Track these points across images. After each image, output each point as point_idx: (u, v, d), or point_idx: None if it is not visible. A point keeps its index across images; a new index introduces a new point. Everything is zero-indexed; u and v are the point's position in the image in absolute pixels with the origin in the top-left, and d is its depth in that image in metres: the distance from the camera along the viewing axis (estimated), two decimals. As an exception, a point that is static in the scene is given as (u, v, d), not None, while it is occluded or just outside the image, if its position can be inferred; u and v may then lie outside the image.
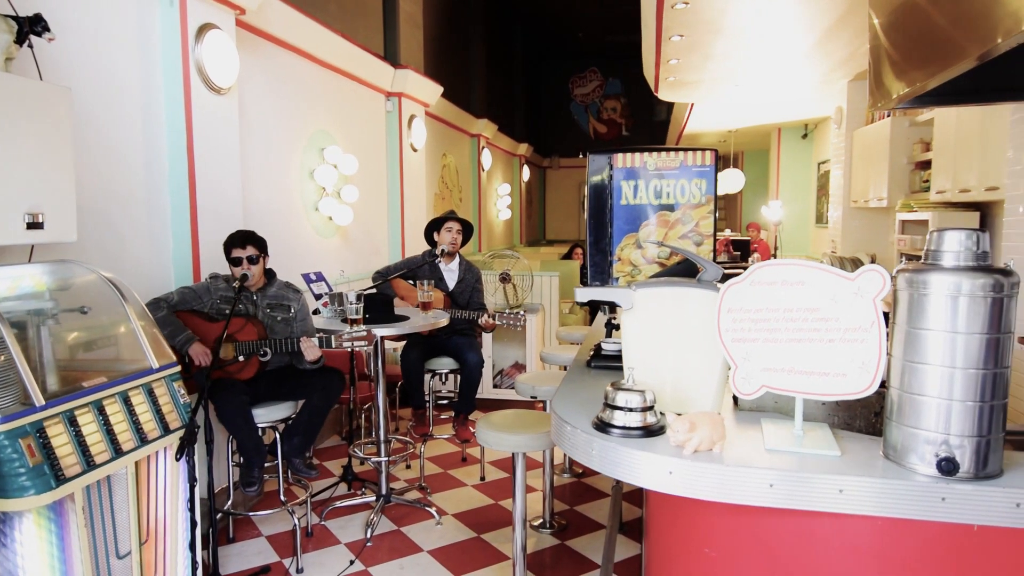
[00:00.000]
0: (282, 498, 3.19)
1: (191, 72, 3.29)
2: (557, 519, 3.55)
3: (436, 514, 3.58)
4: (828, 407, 1.72)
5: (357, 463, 4.20)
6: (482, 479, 4.14)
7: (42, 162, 2.22)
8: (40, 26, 2.24)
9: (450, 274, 4.17)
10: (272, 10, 4.05)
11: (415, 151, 6.48)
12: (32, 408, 1.81)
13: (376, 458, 3.65)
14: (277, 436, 3.14)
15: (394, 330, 3.29)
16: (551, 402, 1.79)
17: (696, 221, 2.07)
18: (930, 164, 4.95)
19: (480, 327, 3.92)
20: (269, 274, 3.24)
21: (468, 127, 9.12)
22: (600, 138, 15.89)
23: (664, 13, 3.76)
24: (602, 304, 2.24)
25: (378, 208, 6.04)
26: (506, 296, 5.63)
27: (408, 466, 4.36)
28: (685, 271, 1.80)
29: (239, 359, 2.89)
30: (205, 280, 3.21)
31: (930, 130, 5.05)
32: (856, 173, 6.45)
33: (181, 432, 2.28)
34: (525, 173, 13.10)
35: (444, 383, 4.71)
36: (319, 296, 3.73)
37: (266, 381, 3.14)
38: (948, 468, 1.24)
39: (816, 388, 1.44)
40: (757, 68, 5.72)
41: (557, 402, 1.77)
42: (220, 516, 3.35)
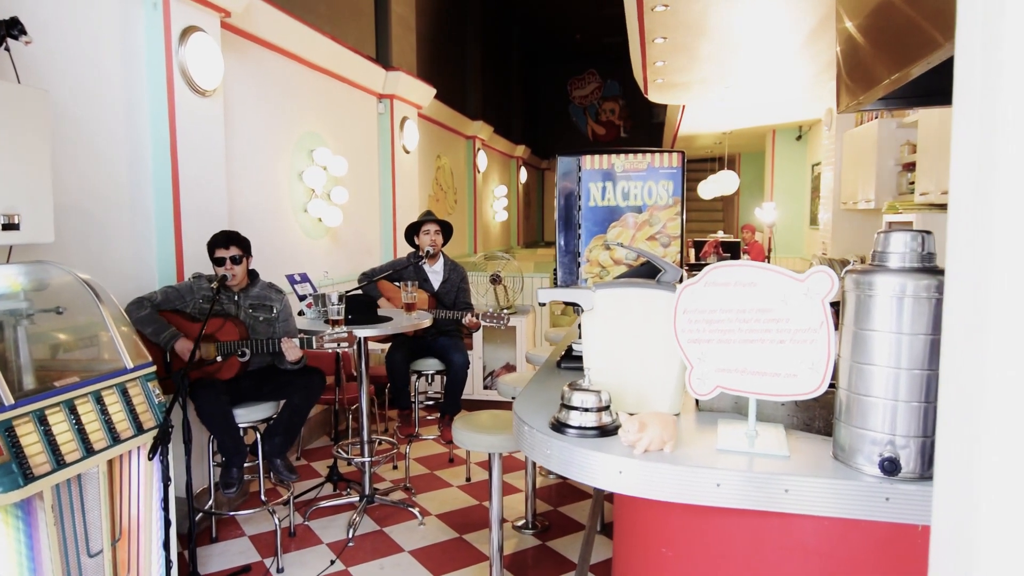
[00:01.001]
0: (263, 498, 3.20)
1: (175, 74, 3.31)
2: (540, 520, 3.56)
3: (419, 515, 3.59)
4: (788, 408, 1.73)
5: (344, 464, 4.22)
6: (468, 480, 4.15)
7: (19, 164, 2.24)
8: (16, 29, 2.26)
9: (435, 275, 4.19)
10: (258, 13, 4.07)
11: (407, 153, 6.50)
12: (0, 407, 1.83)
13: (359, 458, 3.66)
14: (258, 436, 3.16)
15: (376, 331, 3.31)
16: (514, 402, 1.80)
17: (664, 223, 2.08)
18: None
19: (465, 327, 3.93)
20: (252, 275, 3.26)
21: (463, 129, 9.14)
22: (599, 140, 15.90)
23: (644, 16, 3.77)
24: (576, 306, 2.25)
25: (370, 210, 6.06)
26: (496, 297, 5.65)
27: (395, 467, 4.37)
28: (648, 272, 1.81)
29: (217, 359, 2.91)
30: (188, 280, 3.23)
31: (916, 132, 5.06)
32: (846, 175, 6.46)
33: (155, 432, 2.30)
34: (522, 175, 13.12)
35: (431, 384, 4.72)
36: (303, 297, 3.75)
37: (247, 381, 3.15)
38: (890, 468, 1.25)
39: (768, 389, 1.45)
40: (746, 70, 5.73)
41: (520, 402, 1.78)
42: (201, 516, 3.36)
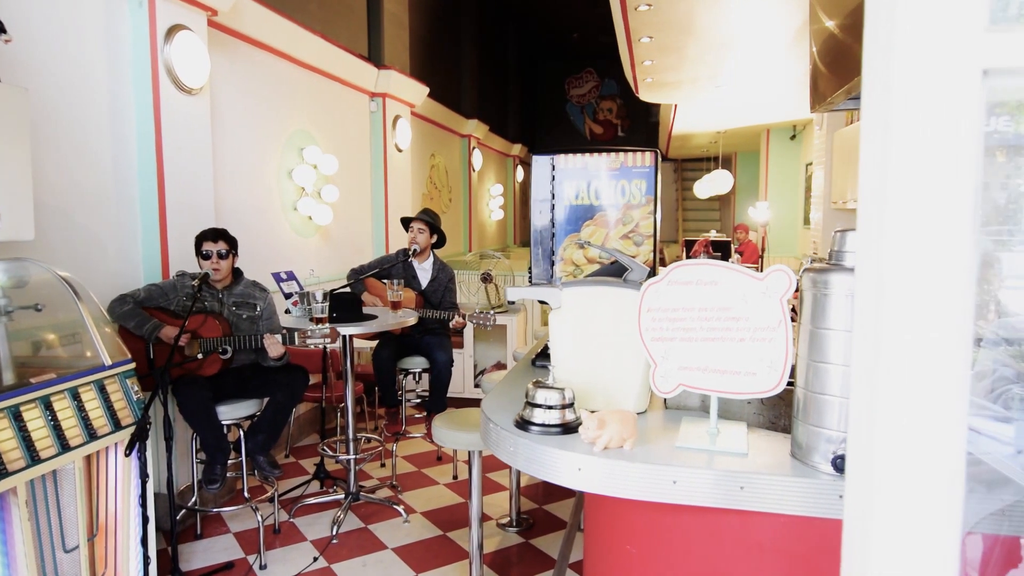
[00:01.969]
0: (246, 495, 3.22)
1: (160, 72, 3.32)
2: (524, 518, 3.57)
3: (404, 512, 3.60)
4: (754, 406, 1.74)
5: (332, 461, 4.23)
6: (454, 478, 4.17)
7: (-3, 161, 2.25)
8: (-5, 27, 2.27)
9: (423, 273, 4.20)
10: (246, 11, 4.08)
11: (400, 151, 6.51)
12: (-26, 403, 1.84)
13: (344, 456, 3.68)
14: (241, 433, 3.17)
15: (360, 329, 3.32)
16: (483, 400, 1.81)
17: (637, 221, 2.09)
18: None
19: (451, 327, 3.95)
20: (236, 273, 3.27)
21: (458, 127, 9.14)
22: (596, 139, 15.90)
23: (628, 15, 3.78)
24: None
25: (362, 208, 6.07)
26: (488, 296, 5.66)
27: (382, 464, 4.38)
28: (619, 271, 1.82)
29: (199, 356, 2.92)
30: (172, 278, 3.24)
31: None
32: (836, 174, 6.46)
33: (133, 428, 2.31)
34: (519, 174, 13.13)
35: (418, 382, 4.74)
36: (289, 295, 3.76)
37: (231, 378, 3.16)
38: (843, 466, 1.26)
39: (729, 387, 1.46)
40: (736, 70, 5.73)
41: (489, 400, 1.79)
42: (186, 512, 3.38)
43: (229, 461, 3.12)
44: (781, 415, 1.74)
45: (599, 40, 13.43)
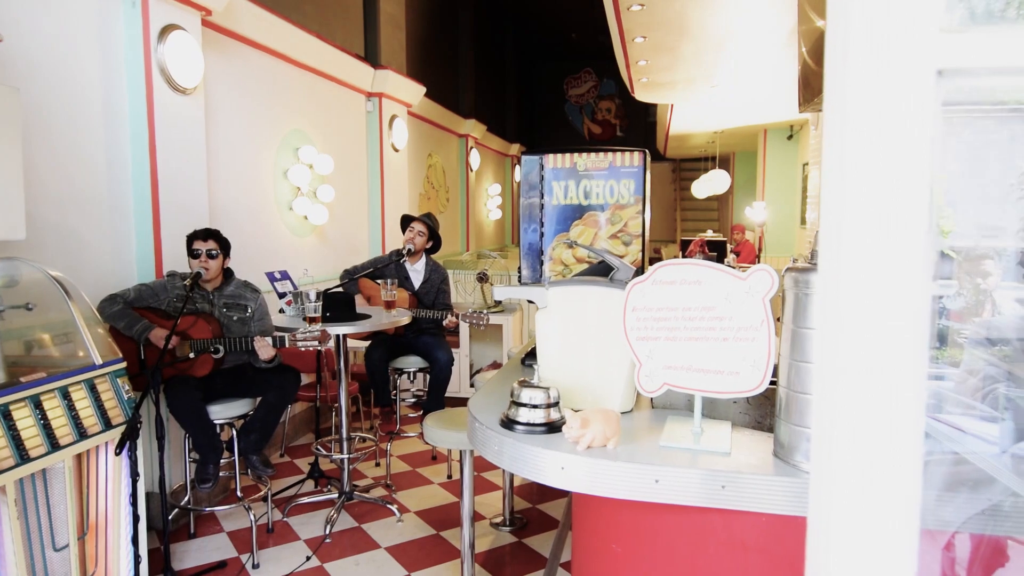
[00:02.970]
0: (239, 494, 3.22)
1: (153, 72, 3.33)
2: (518, 517, 3.58)
3: (397, 511, 3.60)
4: (740, 405, 1.75)
5: (327, 461, 4.23)
6: (449, 477, 4.17)
7: (-12, 161, 2.25)
8: (-14, 27, 2.27)
9: (416, 274, 4.20)
10: (241, 11, 4.08)
11: (397, 151, 6.51)
12: (-38, 402, 1.84)
13: (337, 455, 3.68)
14: (234, 433, 3.18)
15: (352, 328, 3.32)
16: (470, 399, 1.82)
17: (625, 221, 2.09)
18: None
19: (444, 327, 3.95)
20: (227, 273, 3.27)
21: (455, 127, 9.15)
22: (595, 139, 15.90)
23: (622, 15, 3.78)
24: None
25: (358, 208, 6.07)
26: (484, 296, 5.66)
27: (377, 464, 4.39)
28: (605, 271, 1.82)
29: (190, 356, 2.92)
30: (163, 278, 3.24)
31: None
32: (835, 175, 6.46)
33: (124, 427, 2.31)
34: (517, 173, 13.13)
35: (412, 382, 4.74)
36: (283, 295, 3.76)
37: (223, 378, 3.17)
38: (824, 464, 1.27)
39: (712, 386, 1.46)
40: (731, 70, 5.74)
41: (476, 399, 1.80)
42: (179, 512, 3.38)
43: (222, 460, 3.13)
44: (767, 415, 1.74)
45: (597, 40, 13.43)
